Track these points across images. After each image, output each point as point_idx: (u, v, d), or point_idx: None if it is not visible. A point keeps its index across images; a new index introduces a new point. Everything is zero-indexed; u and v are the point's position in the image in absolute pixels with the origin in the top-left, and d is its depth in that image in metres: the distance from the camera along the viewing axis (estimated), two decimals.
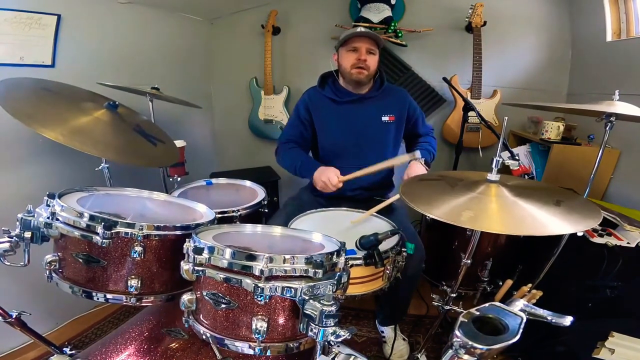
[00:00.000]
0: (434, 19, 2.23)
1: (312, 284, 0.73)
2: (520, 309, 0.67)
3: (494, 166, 1.00)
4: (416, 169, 1.41)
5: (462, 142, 1.99)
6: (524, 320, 0.63)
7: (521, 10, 2.16)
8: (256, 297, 0.71)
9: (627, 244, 1.19)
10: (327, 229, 1.03)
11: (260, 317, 0.74)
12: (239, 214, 1.34)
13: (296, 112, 1.64)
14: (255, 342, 0.74)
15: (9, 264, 0.86)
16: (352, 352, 0.71)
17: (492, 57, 2.16)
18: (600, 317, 1.20)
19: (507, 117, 1.06)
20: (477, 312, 0.64)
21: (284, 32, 2.43)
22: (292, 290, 0.72)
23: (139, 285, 0.86)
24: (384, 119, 1.58)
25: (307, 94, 1.64)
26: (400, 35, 2.20)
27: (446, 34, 2.24)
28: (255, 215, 1.41)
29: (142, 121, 1.45)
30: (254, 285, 0.71)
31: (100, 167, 1.48)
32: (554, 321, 0.68)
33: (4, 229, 0.87)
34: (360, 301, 1.39)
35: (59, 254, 0.87)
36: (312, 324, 0.70)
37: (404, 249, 1.17)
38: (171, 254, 0.89)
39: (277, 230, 1.03)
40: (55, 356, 0.93)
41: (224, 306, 0.75)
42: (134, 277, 0.85)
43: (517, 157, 1.50)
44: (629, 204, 1.52)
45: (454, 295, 1.19)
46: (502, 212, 0.91)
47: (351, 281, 0.94)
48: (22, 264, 0.88)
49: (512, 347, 0.57)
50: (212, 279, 0.75)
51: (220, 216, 1.24)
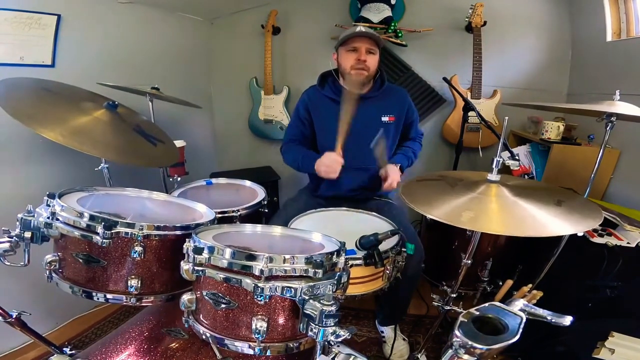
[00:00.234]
0: (434, 19, 2.23)
1: (312, 284, 0.73)
2: (520, 308, 0.67)
3: (494, 166, 1.00)
4: (392, 174, 1.46)
5: (462, 142, 1.99)
6: (524, 320, 0.63)
7: (521, 10, 2.16)
8: (256, 297, 0.71)
9: (627, 244, 1.19)
10: (327, 229, 1.03)
11: (260, 317, 0.74)
12: (239, 214, 1.34)
13: (296, 112, 1.64)
14: (255, 342, 0.75)
15: (9, 264, 0.86)
16: (352, 352, 0.71)
17: (492, 57, 2.16)
18: (600, 317, 1.20)
19: (507, 117, 1.06)
20: (477, 312, 0.64)
21: (284, 32, 2.43)
22: (292, 290, 0.72)
23: (139, 285, 0.86)
24: (384, 119, 1.58)
25: (306, 94, 1.64)
26: (400, 35, 2.19)
27: (446, 34, 2.24)
28: (255, 215, 1.41)
29: (142, 121, 1.45)
30: (253, 285, 0.71)
31: (100, 167, 1.48)
32: (554, 321, 0.68)
33: (4, 229, 0.87)
34: (360, 301, 1.39)
35: (59, 254, 0.87)
36: (312, 324, 0.70)
37: (404, 249, 1.17)
38: (171, 254, 0.89)
39: (277, 230, 1.03)
40: (55, 356, 0.93)
41: (223, 306, 0.75)
42: (134, 277, 0.86)
43: (517, 157, 1.49)
44: (629, 204, 1.52)
45: (454, 295, 1.19)
46: (502, 212, 0.91)
47: (351, 281, 0.94)
48: (22, 264, 0.88)
49: (512, 347, 0.57)
50: (212, 279, 0.75)
51: (220, 216, 1.24)
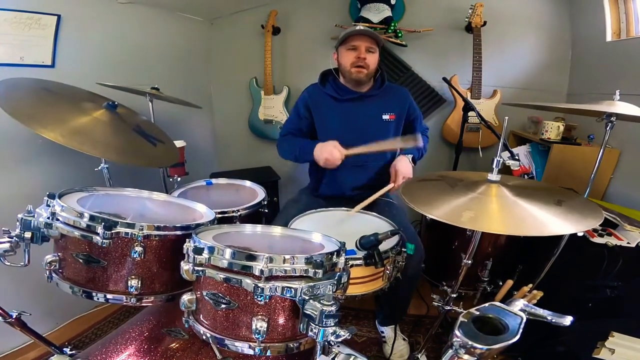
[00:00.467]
0: (434, 19, 2.23)
1: (312, 284, 0.73)
2: (520, 308, 0.67)
3: (494, 166, 1.00)
4: (403, 164, 1.49)
5: (462, 142, 1.99)
6: (524, 320, 0.63)
7: (521, 10, 2.16)
8: (256, 297, 0.71)
9: (627, 244, 1.19)
10: (327, 229, 1.03)
11: (260, 317, 0.74)
12: (239, 214, 1.34)
13: (296, 109, 1.64)
14: (255, 342, 0.74)
15: (9, 264, 0.86)
16: (352, 352, 0.71)
17: (492, 57, 2.16)
18: (600, 317, 1.20)
19: (507, 117, 1.05)
20: (477, 312, 0.64)
21: (284, 32, 2.43)
22: (292, 290, 0.72)
23: (139, 285, 0.86)
24: (385, 117, 1.58)
25: (307, 92, 1.64)
26: (400, 35, 2.19)
27: (446, 34, 2.24)
28: (255, 215, 1.41)
29: (142, 121, 1.45)
30: (254, 285, 0.71)
31: (100, 167, 1.48)
32: (554, 321, 0.68)
33: (4, 229, 0.87)
34: (360, 301, 1.39)
35: (59, 254, 0.87)
36: (312, 324, 0.70)
37: (404, 249, 1.17)
38: (171, 254, 0.89)
39: (277, 230, 1.03)
40: (55, 356, 0.94)
41: (224, 306, 0.75)
42: (134, 277, 0.85)
43: (517, 157, 1.50)
44: (629, 204, 1.52)
45: (454, 295, 1.19)
46: (502, 212, 0.91)
47: (351, 281, 0.93)
48: (22, 264, 0.88)
49: (512, 347, 0.57)
50: (212, 279, 0.75)
51: (220, 216, 1.24)
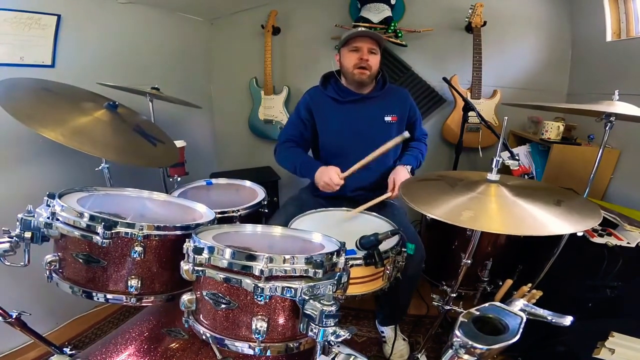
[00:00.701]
0: (434, 19, 2.23)
1: (312, 284, 0.73)
2: (520, 308, 0.67)
3: (494, 166, 1.00)
4: (401, 175, 1.47)
5: (462, 142, 1.99)
6: (524, 320, 0.63)
7: (521, 10, 2.16)
8: (256, 297, 0.71)
9: (627, 244, 1.19)
10: (327, 229, 1.03)
11: (260, 317, 0.74)
12: (239, 214, 1.34)
13: (297, 111, 1.63)
14: (255, 342, 0.74)
15: (9, 264, 0.86)
16: (352, 352, 0.71)
17: (492, 57, 2.16)
18: (600, 317, 1.20)
19: (507, 117, 1.06)
20: (477, 312, 0.64)
21: (284, 32, 2.43)
22: (292, 290, 0.72)
23: (139, 285, 0.86)
24: (387, 119, 1.58)
25: (308, 94, 1.64)
26: (400, 35, 2.20)
27: (446, 34, 2.24)
28: (255, 215, 1.41)
29: (142, 121, 1.45)
30: (254, 285, 0.71)
31: (100, 167, 1.48)
32: (554, 321, 0.68)
33: (4, 229, 0.87)
34: (360, 301, 1.39)
35: (59, 254, 0.87)
36: (312, 324, 0.70)
37: (404, 249, 1.17)
38: (171, 254, 0.89)
39: (277, 230, 1.03)
40: (55, 356, 0.94)
41: (224, 306, 0.75)
42: (134, 277, 0.85)
43: (517, 157, 1.50)
44: (629, 204, 1.52)
45: (454, 295, 1.19)
46: (502, 212, 0.91)
47: (351, 281, 0.94)
48: (22, 264, 0.88)
49: (512, 347, 0.57)
50: (212, 279, 0.75)
51: (220, 216, 1.24)
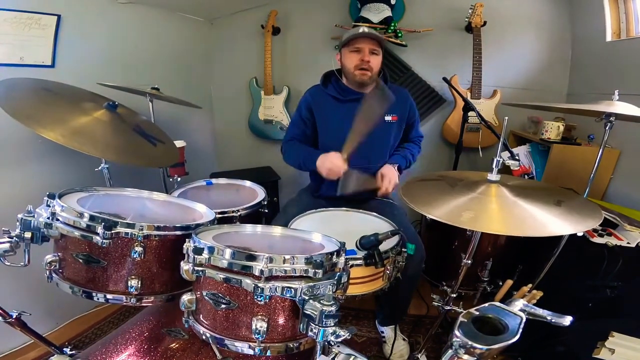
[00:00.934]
0: (434, 19, 2.23)
1: (312, 284, 0.73)
2: (520, 309, 0.67)
3: (494, 166, 1.00)
4: (388, 171, 1.47)
5: (462, 142, 1.99)
6: (524, 320, 0.63)
7: (521, 10, 2.16)
8: (256, 297, 0.71)
9: (627, 244, 1.19)
10: (327, 229, 1.03)
11: (260, 317, 0.74)
12: (239, 214, 1.34)
13: (298, 111, 1.64)
14: (255, 342, 0.75)
15: (9, 264, 0.86)
16: (352, 352, 0.71)
17: (492, 57, 2.16)
18: (600, 317, 1.20)
19: (507, 117, 1.06)
20: (477, 312, 0.64)
21: (284, 32, 2.43)
22: (292, 290, 0.72)
23: (139, 285, 0.86)
24: (387, 118, 1.57)
25: (309, 93, 1.64)
26: (400, 35, 2.19)
27: (446, 34, 2.24)
28: (255, 215, 1.41)
29: (142, 121, 1.45)
30: (253, 285, 0.71)
31: (100, 167, 1.48)
32: (554, 321, 0.68)
33: (4, 229, 0.87)
34: (360, 301, 1.39)
35: (59, 254, 0.87)
36: (312, 324, 0.70)
37: (404, 249, 1.17)
38: (171, 254, 0.89)
39: (277, 230, 1.03)
40: (55, 356, 0.94)
41: (224, 306, 0.75)
42: (134, 277, 0.86)
43: (517, 157, 1.49)
44: (629, 204, 1.52)
45: (454, 295, 1.19)
46: (502, 212, 0.91)
47: (351, 281, 0.94)
48: (22, 264, 0.88)
49: (512, 347, 0.57)
50: (212, 279, 0.75)
51: (220, 216, 1.24)
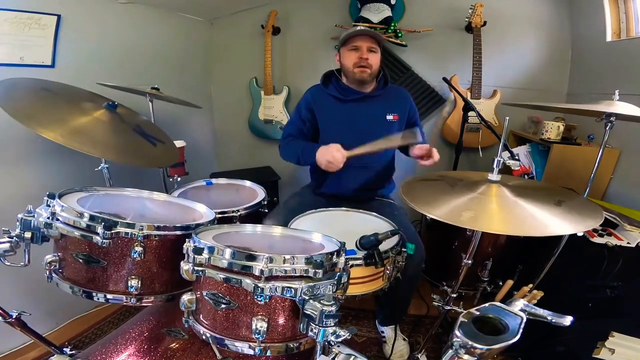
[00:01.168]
0: (434, 19, 2.23)
1: (312, 284, 0.73)
2: (520, 309, 0.67)
3: (494, 166, 1.00)
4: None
5: (462, 142, 1.99)
6: (524, 320, 0.63)
7: (521, 10, 2.16)
8: (256, 297, 0.71)
9: (627, 244, 1.19)
10: (327, 229, 1.03)
11: (260, 317, 0.74)
12: (239, 214, 1.34)
13: (297, 111, 1.63)
14: (255, 342, 0.75)
15: (9, 264, 0.86)
16: (352, 352, 0.71)
17: (492, 57, 2.16)
18: (600, 317, 1.20)
19: (507, 117, 1.05)
20: (477, 312, 0.64)
21: (284, 32, 2.43)
22: (292, 290, 0.72)
23: (139, 285, 0.86)
24: (389, 117, 1.58)
25: (309, 93, 1.63)
26: (400, 35, 2.19)
27: (446, 34, 2.24)
28: (255, 215, 1.41)
29: (141, 121, 1.45)
30: (254, 285, 0.71)
31: (100, 167, 1.48)
32: (554, 321, 0.68)
33: (4, 229, 0.87)
34: (360, 301, 1.39)
35: (59, 254, 0.87)
36: (312, 324, 0.70)
37: (404, 249, 1.17)
38: (171, 254, 0.89)
39: (277, 230, 1.03)
40: (55, 356, 0.94)
41: (224, 306, 0.75)
42: (134, 277, 0.86)
43: (517, 157, 1.50)
44: (629, 204, 1.52)
45: (454, 295, 1.19)
46: (502, 212, 0.91)
47: (351, 281, 0.94)
48: (22, 264, 0.88)
49: (512, 347, 0.57)
50: (212, 279, 0.75)
51: (220, 216, 1.24)
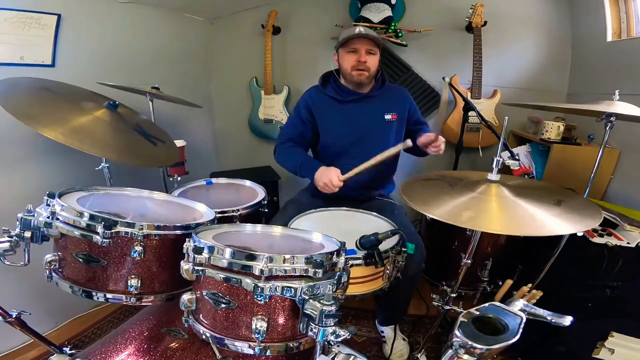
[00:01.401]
0: (434, 19, 2.23)
1: (312, 284, 0.73)
2: (520, 308, 0.67)
3: (494, 166, 1.00)
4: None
5: (462, 142, 1.99)
6: (524, 320, 0.63)
7: (521, 10, 2.16)
8: (256, 296, 0.71)
9: (627, 244, 1.19)
10: (327, 229, 1.03)
11: (260, 316, 0.74)
12: (239, 213, 1.34)
13: (297, 111, 1.63)
14: (255, 341, 0.75)
15: (9, 263, 0.86)
16: (352, 352, 0.71)
17: (492, 57, 2.16)
18: (600, 317, 1.20)
19: (507, 117, 1.05)
20: (477, 312, 0.64)
21: (284, 32, 2.43)
22: (292, 290, 0.72)
23: (139, 284, 0.86)
24: (387, 117, 1.58)
25: (308, 94, 1.63)
26: (400, 35, 2.19)
27: (446, 34, 2.24)
28: (255, 215, 1.41)
29: (142, 121, 1.45)
30: (253, 285, 0.71)
31: (100, 166, 1.48)
32: (553, 321, 0.68)
33: (4, 228, 0.87)
34: (360, 301, 1.39)
35: (59, 253, 0.87)
36: (312, 324, 0.70)
37: (404, 249, 1.17)
38: (171, 254, 0.89)
39: (277, 230, 1.03)
40: (55, 356, 0.93)
41: (223, 306, 0.75)
42: (134, 276, 0.86)
43: (517, 157, 1.50)
44: (629, 204, 1.52)
45: (454, 295, 1.19)
46: (502, 212, 0.91)
47: (351, 281, 0.93)
48: (22, 263, 0.88)
49: (512, 347, 0.57)
50: (212, 279, 0.75)
51: (220, 216, 1.24)
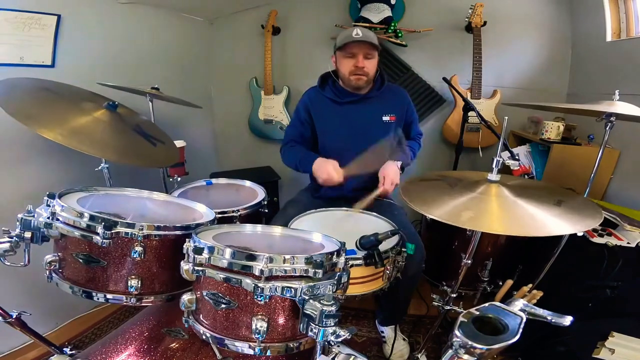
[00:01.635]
0: (433, 19, 2.23)
1: (312, 284, 0.73)
2: (520, 308, 0.67)
3: (494, 166, 1.00)
4: (390, 169, 1.44)
5: (462, 142, 1.99)
6: (524, 320, 0.63)
7: (521, 10, 2.16)
8: (256, 297, 0.71)
9: (627, 244, 1.19)
10: (327, 229, 1.03)
11: (260, 317, 0.74)
12: (239, 214, 1.33)
13: (296, 113, 1.64)
14: (255, 342, 0.75)
15: (9, 264, 0.86)
16: (352, 352, 0.71)
17: (492, 57, 2.16)
18: (600, 317, 1.20)
19: (507, 117, 1.05)
20: (477, 312, 0.64)
21: (284, 32, 2.43)
22: (292, 290, 0.72)
23: (139, 285, 0.86)
24: (385, 118, 1.58)
25: (306, 95, 1.64)
26: (400, 35, 2.19)
27: (446, 34, 2.24)
28: (255, 215, 1.41)
29: (142, 121, 1.45)
30: (253, 285, 0.71)
31: (100, 167, 1.48)
32: (554, 321, 0.68)
33: (4, 229, 0.87)
34: (360, 301, 1.38)
35: (59, 254, 0.87)
36: (312, 324, 0.70)
37: (404, 249, 1.17)
38: (171, 254, 0.89)
39: (277, 230, 1.03)
40: (55, 356, 0.94)
41: (224, 306, 0.75)
42: (134, 277, 0.86)
43: (517, 157, 1.50)
44: (629, 204, 1.52)
45: (454, 295, 1.19)
46: (502, 212, 0.91)
47: (351, 281, 0.94)
48: (22, 264, 0.88)
49: (512, 347, 0.57)
50: (212, 279, 0.75)
51: (220, 216, 1.24)
